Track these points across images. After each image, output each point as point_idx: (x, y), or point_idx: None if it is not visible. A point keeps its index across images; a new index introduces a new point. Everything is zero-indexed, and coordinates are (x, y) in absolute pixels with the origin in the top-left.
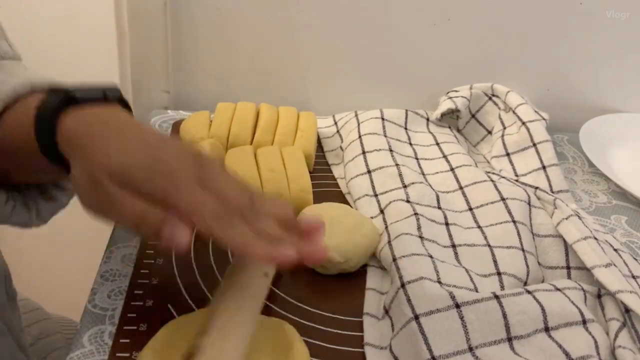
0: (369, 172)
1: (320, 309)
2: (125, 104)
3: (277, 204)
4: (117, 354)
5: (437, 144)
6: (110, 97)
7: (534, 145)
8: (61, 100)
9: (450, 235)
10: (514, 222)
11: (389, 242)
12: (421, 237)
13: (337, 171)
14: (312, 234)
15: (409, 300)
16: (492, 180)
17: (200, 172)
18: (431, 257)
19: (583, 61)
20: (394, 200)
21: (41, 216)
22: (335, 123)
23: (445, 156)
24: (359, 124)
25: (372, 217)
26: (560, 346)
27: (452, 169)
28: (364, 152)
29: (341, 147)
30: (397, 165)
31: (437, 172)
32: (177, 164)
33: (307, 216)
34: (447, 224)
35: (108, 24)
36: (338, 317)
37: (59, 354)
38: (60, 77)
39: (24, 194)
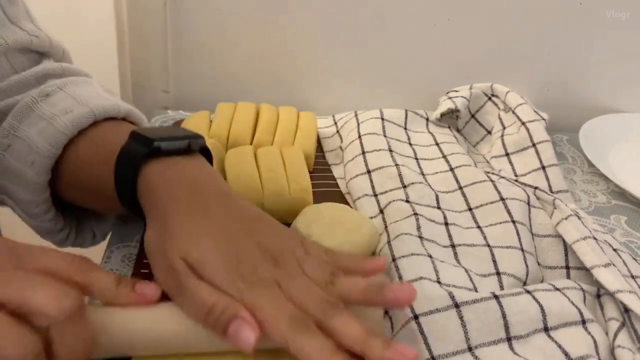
0: (368, 172)
1: None
2: (207, 153)
3: (367, 266)
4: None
5: (437, 144)
6: (194, 148)
7: (534, 145)
8: (146, 152)
9: (449, 235)
10: (513, 222)
11: (389, 242)
12: (421, 237)
13: (337, 171)
14: (401, 299)
15: None
16: (492, 181)
17: (278, 272)
18: (431, 257)
19: (583, 61)
20: (394, 200)
21: (96, 238)
22: (335, 123)
23: (444, 156)
24: (358, 124)
25: (371, 217)
26: (559, 346)
27: (451, 169)
28: (363, 152)
29: (341, 147)
30: (396, 165)
31: (437, 172)
32: (256, 263)
33: (394, 286)
34: (446, 224)
35: (108, 24)
36: None
37: None
38: None
39: (79, 217)
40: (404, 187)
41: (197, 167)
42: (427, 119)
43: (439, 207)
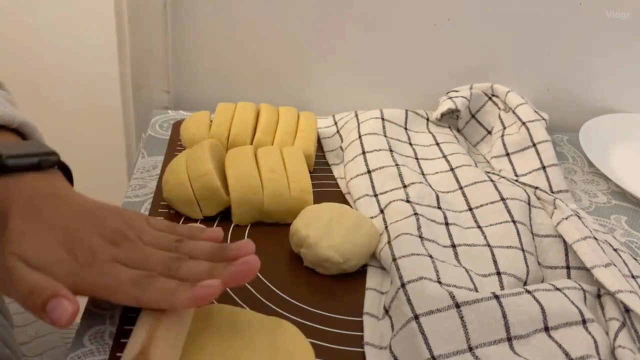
0: (368, 172)
1: (320, 309)
2: (65, 169)
3: (204, 235)
4: (118, 354)
5: (437, 144)
6: (44, 165)
7: (534, 145)
8: None
9: (450, 235)
10: (513, 222)
11: (389, 242)
12: (421, 237)
13: (337, 171)
14: (242, 253)
15: (408, 300)
16: (492, 180)
17: (117, 250)
18: (431, 257)
19: (583, 61)
20: (394, 200)
21: None
22: (335, 123)
23: (445, 156)
24: (359, 124)
25: (372, 217)
26: (560, 346)
27: (452, 169)
28: (364, 152)
29: (341, 147)
30: (397, 165)
31: (437, 172)
32: (94, 249)
33: (235, 244)
34: (447, 223)
35: (108, 24)
36: (338, 317)
37: (55, 352)
38: (61, 77)
39: None
40: (404, 187)
41: (42, 179)
42: (428, 119)
43: (439, 207)
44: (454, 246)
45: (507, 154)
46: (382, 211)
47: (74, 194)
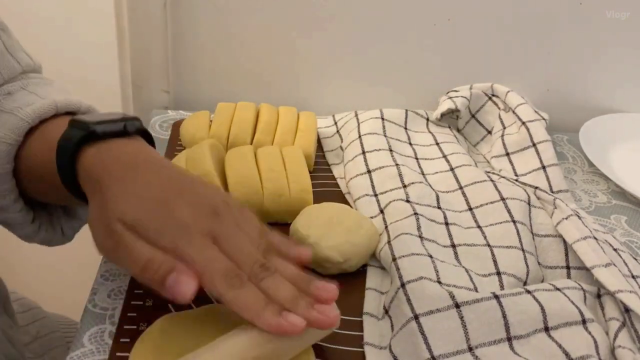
0: (368, 172)
1: None
2: (146, 135)
3: (294, 253)
4: (117, 354)
5: (437, 143)
6: (130, 129)
7: (534, 145)
8: (82, 136)
9: (450, 235)
10: (513, 222)
11: (389, 241)
12: (421, 237)
13: (337, 171)
14: (324, 296)
15: (408, 300)
16: (492, 180)
17: (214, 226)
18: (431, 256)
19: (583, 61)
20: (394, 200)
21: (66, 234)
22: (335, 123)
23: (445, 156)
24: (358, 124)
25: (372, 217)
26: (559, 346)
27: (452, 169)
28: (363, 152)
29: (341, 147)
30: (397, 165)
31: (437, 172)
32: (190, 218)
33: (321, 283)
34: (447, 223)
35: (108, 24)
36: None
37: (57, 352)
38: (61, 77)
39: (50, 212)
40: (404, 187)
41: (131, 145)
42: (427, 119)
43: (439, 207)
44: (453, 246)
45: (507, 154)
46: (382, 211)
47: (164, 159)
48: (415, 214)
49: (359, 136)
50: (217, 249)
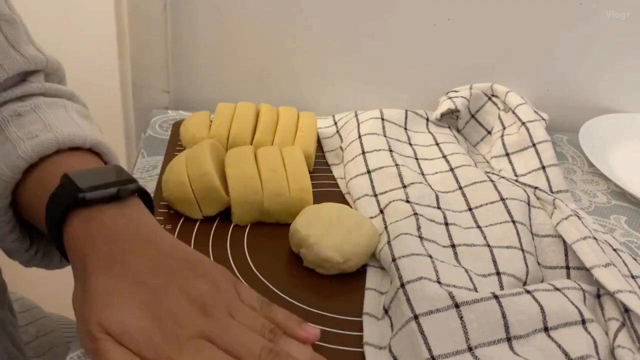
0: (368, 172)
1: (320, 309)
2: (144, 194)
3: (301, 332)
4: None
5: (437, 144)
6: (123, 195)
7: (534, 145)
8: (71, 202)
9: (449, 235)
10: (513, 222)
11: (389, 242)
12: (421, 237)
13: (337, 171)
14: None
15: (408, 300)
16: (492, 181)
17: (204, 326)
18: (431, 257)
19: (583, 61)
20: (394, 200)
21: (64, 261)
22: (335, 123)
23: (444, 156)
24: (358, 124)
25: (371, 217)
26: (559, 346)
27: (451, 169)
28: (363, 152)
29: (341, 147)
30: (396, 165)
31: (437, 172)
32: (181, 318)
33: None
34: (446, 224)
35: (108, 24)
36: (338, 317)
37: (57, 352)
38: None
39: (48, 239)
40: (404, 187)
41: (122, 216)
42: (427, 119)
43: (439, 207)
44: (453, 246)
45: (507, 154)
46: (381, 211)
47: (158, 233)
48: (415, 214)
49: (359, 136)
50: (214, 347)
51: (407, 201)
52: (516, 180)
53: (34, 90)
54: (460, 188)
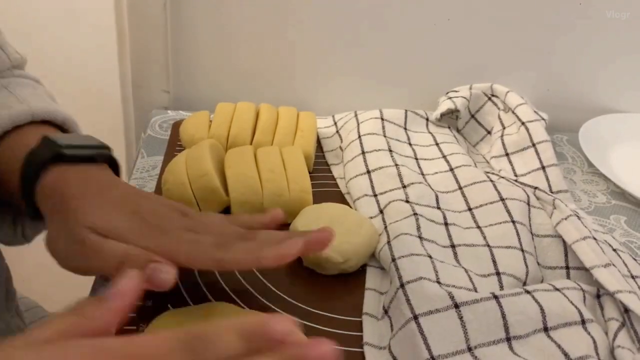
0: (368, 172)
1: (320, 309)
2: (114, 163)
3: (267, 219)
4: None
5: (437, 144)
6: (99, 159)
7: (534, 145)
8: (50, 156)
9: (449, 236)
10: (513, 222)
11: (388, 242)
12: (420, 237)
13: (336, 171)
14: (319, 236)
15: (408, 300)
16: (492, 181)
17: (186, 221)
18: (430, 257)
19: (583, 61)
20: (394, 201)
21: (26, 235)
22: (335, 123)
23: (444, 156)
24: (358, 124)
25: (371, 217)
26: (559, 346)
27: (451, 169)
28: (363, 152)
29: (341, 147)
30: (396, 165)
31: (437, 172)
32: (164, 221)
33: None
34: (446, 224)
35: (108, 24)
36: (338, 317)
37: None
38: (60, 77)
39: (13, 210)
40: (404, 187)
41: (97, 170)
42: (427, 119)
43: (438, 207)
44: (453, 246)
45: (507, 154)
46: (381, 211)
47: (128, 185)
48: (415, 214)
49: (359, 136)
50: (199, 234)
51: (407, 201)
52: (516, 181)
53: (4, 72)
54: (460, 188)
